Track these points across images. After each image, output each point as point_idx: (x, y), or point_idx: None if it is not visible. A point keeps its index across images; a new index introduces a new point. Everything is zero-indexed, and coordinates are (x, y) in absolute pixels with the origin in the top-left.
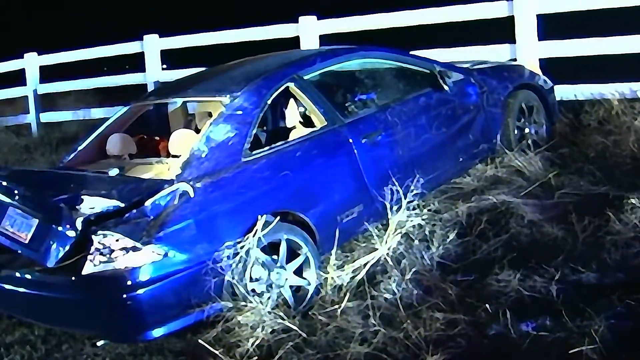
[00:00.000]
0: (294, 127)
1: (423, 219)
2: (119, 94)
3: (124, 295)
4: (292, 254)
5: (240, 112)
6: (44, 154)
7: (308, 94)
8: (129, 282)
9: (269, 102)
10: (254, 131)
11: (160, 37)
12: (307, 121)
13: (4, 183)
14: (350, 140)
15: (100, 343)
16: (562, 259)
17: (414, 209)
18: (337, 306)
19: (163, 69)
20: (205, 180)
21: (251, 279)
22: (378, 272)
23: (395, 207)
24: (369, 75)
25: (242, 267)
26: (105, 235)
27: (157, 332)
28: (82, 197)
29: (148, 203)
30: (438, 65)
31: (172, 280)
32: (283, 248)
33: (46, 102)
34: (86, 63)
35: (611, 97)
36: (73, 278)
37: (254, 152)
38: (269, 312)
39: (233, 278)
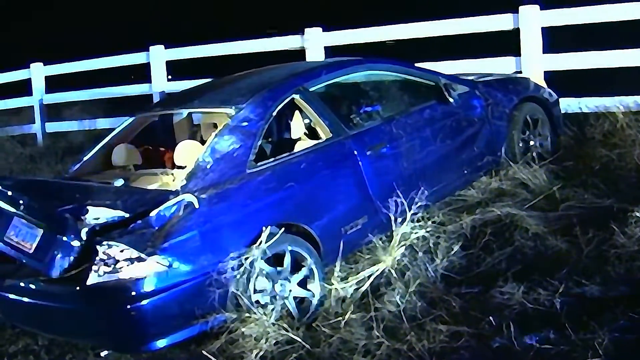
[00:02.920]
0: (299, 139)
1: (427, 231)
2: (124, 105)
3: (128, 306)
4: (297, 265)
5: (245, 124)
6: (49, 164)
7: (313, 105)
8: (133, 293)
9: (275, 113)
10: (259, 143)
11: (166, 48)
12: (312, 133)
13: (9, 193)
14: (355, 152)
15: (104, 353)
16: (566, 271)
17: (418, 221)
18: (340, 318)
19: (169, 80)
20: (210, 191)
21: (255, 291)
22: (382, 284)
23: (399, 219)
24: (374, 87)
25: (246, 279)
26: (109, 246)
27: (161, 343)
28: (87, 207)
29: (153, 214)
30: (443, 78)
31: (176, 291)
32: (287, 259)
33: (52, 112)
34: (92, 73)
35: (616, 110)
36: (77, 288)
37: (259, 164)
38: (273, 324)
39: (237, 289)
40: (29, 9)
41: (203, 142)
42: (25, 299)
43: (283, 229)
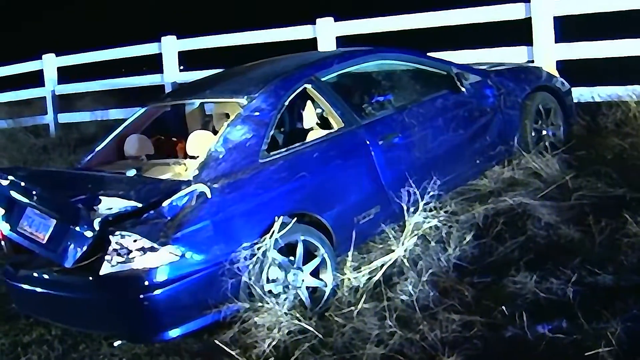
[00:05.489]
0: (311, 129)
1: (440, 221)
2: (136, 95)
3: (141, 296)
4: (309, 255)
5: (257, 114)
6: (62, 154)
7: (325, 95)
8: (146, 283)
9: (287, 103)
10: (271, 132)
11: (177, 38)
12: (324, 123)
13: (22, 183)
14: (367, 142)
15: (117, 343)
16: (579, 261)
17: (430, 210)
18: (353, 307)
19: (180, 70)
20: (222, 181)
21: (268, 280)
22: (394, 273)
23: (412, 209)
24: (386, 76)
25: (259, 268)
26: (122, 236)
27: (174, 333)
28: (100, 197)
29: (165, 204)
30: (455, 67)
31: (189, 281)
32: (300, 249)
33: (64, 103)
34: (104, 64)
35: (629, 99)
36: (90, 278)
37: (271, 154)
38: (286, 313)
39: (250, 279)
40: (42, 0)
41: (215, 132)
42: (39, 289)
43: (295, 218)
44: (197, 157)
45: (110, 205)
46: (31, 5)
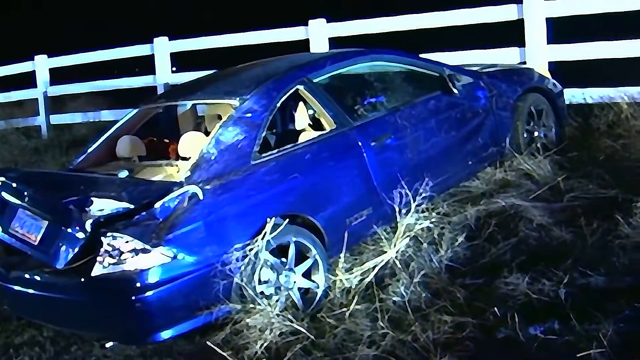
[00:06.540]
0: (303, 130)
1: (432, 222)
2: (128, 97)
3: (133, 297)
4: (301, 256)
5: (249, 115)
6: (54, 156)
7: (317, 96)
8: (138, 284)
9: (279, 105)
10: (264, 134)
11: (170, 39)
12: (316, 124)
13: (14, 185)
14: (360, 143)
15: (109, 345)
16: (571, 262)
17: (422, 212)
18: (345, 309)
19: (173, 71)
20: (214, 182)
21: (260, 282)
22: (387, 275)
23: (404, 210)
24: (379, 78)
25: (250, 270)
26: (114, 237)
27: (166, 334)
28: (92, 199)
29: (157, 205)
30: (447, 69)
31: (181, 282)
32: (292, 251)
33: (56, 104)
34: (96, 65)
35: (620, 100)
36: (82, 280)
37: (263, 155)
38: (278, 315)
39: (242, 280)
40: (34, 1)
41: (207, 134)
42: (30, 291)
43: (287, 220)
44: (189, 158)
45: (102, 206)
46: (25, 6)
